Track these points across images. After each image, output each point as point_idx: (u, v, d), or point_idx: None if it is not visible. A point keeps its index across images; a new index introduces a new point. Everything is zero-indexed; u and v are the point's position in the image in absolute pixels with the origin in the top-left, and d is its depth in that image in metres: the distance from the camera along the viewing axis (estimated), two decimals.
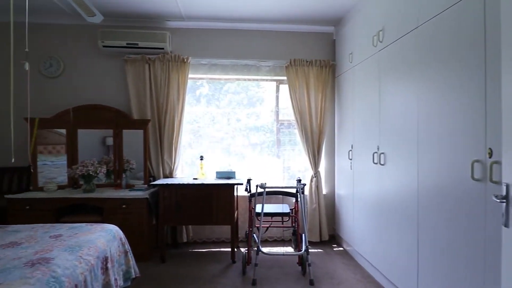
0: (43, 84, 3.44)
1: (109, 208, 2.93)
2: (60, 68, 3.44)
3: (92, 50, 3.44)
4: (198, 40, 3.52)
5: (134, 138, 3.33)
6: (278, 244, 3.46)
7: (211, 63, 3.52)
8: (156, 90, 3.37)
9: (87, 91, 3.46)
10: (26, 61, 1.63)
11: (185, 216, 2.95)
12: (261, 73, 3.59)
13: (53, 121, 3.24)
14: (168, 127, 3.35)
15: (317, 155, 3.49)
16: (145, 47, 3.29)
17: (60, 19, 3.38)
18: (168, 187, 2.96)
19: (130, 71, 3.35)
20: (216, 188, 2.95)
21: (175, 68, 3.35)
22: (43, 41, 3.42)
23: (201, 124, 3.69)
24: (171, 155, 3.38)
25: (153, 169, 3.40)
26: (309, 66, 3.46)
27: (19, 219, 2.84)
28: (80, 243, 1.81)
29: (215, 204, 2.95)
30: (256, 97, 3.76)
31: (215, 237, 3.53)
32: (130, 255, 2.24)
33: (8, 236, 1.91)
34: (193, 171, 3.60)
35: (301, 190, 2.69)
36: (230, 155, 3.71)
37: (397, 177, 2.18)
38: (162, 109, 3.36)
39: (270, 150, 3.75)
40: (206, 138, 3.70)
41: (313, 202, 3.47)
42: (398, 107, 2.16)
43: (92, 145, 3.38)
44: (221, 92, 3.71)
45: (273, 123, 3.75)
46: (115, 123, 3.33)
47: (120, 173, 3.31)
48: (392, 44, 2.24)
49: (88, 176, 3.01)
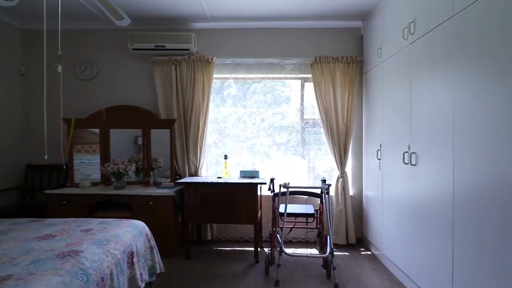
0: (78, 86, 3.65)
1: (137, 205, 3.04)
2: (94, 71, 3.64)
3: (122, 53, 3.60)
4: (222, 40, 3.55)
5: (162, 137, 3.44)
6: (302, 246, 3.39)
7: (235, 62, 3.54)
8: (182, 90, 3.45)
9: (118, 92, 3.63)
10: (59, 64, 1.71)
11: (209, 214, 2.99)
12: (286, 71, 3.54)
13: (87, 121, 3.43)
14: (193, 126, 3.41)
15: (343, 155, 3.37)
16: (172, 49, 3.37)
17: (94, 25, 3.57)
18: (192, 186, 3.01)
19: (158, 72, 3.46)
20: (239, 187, 2.95)
21: (200, 69, 3.40)
22: (79, 46, 3.64)
23: (227, 124, 3.72)
24: (196, 154, 3.43)
25: (179, 167, 3.48)
26: (335, 63, 3.35)
27: (57, 213, 3.04)
28: (108, 238, 1.89)
29: (238, 203, 2.95)
30: (282, 97, 3.72)
31: (239, 236, 3.53)
32: (155, 251, 2.30)
33: (44, 229, 2.04)
34: (218, 170, 3.64)
35: (325, 191, 2.61)
36: (254, 154, 3.70)
37: (429, 178, 2.03)
38: (188, 109, 3.43)
39: (295, 150, 3.69)
40: (231, 137, 3.72)
41: (339, 203, 3.36)
42: (431, 103, 2.01)
43: (125, 144, 3.53)
44: (248, 93, 3.70)
45: (298, 122, 3.68)
46: (143, 122, 3.45)
47: (148, 171, 3.42)
48: (424, 36, 2.09)
49: (119, 173, 3.15)
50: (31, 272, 1.38)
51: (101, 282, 1.55)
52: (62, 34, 3.60)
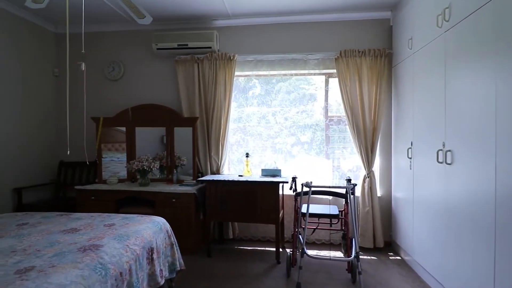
0: (107, 86, 3.79)
1: (160, 202, 3.08)
2: (121, 71, 3.76)
3: (147, 53, 3.68)
4: (244, 37, 3.51)
5: (186, 135, 3.46)
6: (326, 248, 3.26)
7: (257, 59, 3.48)
8: (204, 89, 3.45)
9: (144, 91, 3.72)
10: (82, 62, 1.76)
11: (230, 212, 2.96)
12: (309, 67, 3.43)
13: (115, 120, 3.54)
14: (215, 124, 3.41)
15: (370, 154, 3.19)
16: (194, 47, 3.38)
17: (121, 27, 3.69)
18: (213, 183, 2.99)
19: (181, 71, 3.49)
20: (260, 185, 2.89)
21: (222, 66, 3.39)
22: (107, 47, 3.78)
23: (251, 123, 3.67)
24: (218, 151, 3.42)
25: (201, 165, 3.49)
26: (361, 57, 3.19)
27: (86, 208, 3.17)
28: (129, 233, 1.91)
29: (259, 202, 2.89)
30: (306, 95, 3.60)
31: (261, 235, 3.48)
32: (175, 248, 2.31)
33: (70, 223, 2.12)
34: (240, 169, 3.61)
35: (351, 191, 2.48)
36: (277, 153, 3.63)
37: (467, 178, 1.84)
38: (210, 107, 3.43)
39: (319, 148, 3.56)
40: (254, 136, 3.67)
41: (366, 204, 3.19)
42: (470, 95, 1.82)
43: (152, 142, 3.60)
44: (272, 92, 3.63)
45: (322, 119, 3.54)
46: (167, 121, 3.50)
47: (172, 169, 3.47)
48: (461, 22, 1.91)
49: (143, 170, 3.21)
50: (53, 265, 1.41)
51: (120, 277, 1.56)
52: (92, 36, 3.78)
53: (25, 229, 1.98)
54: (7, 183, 3.25)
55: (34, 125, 3.56)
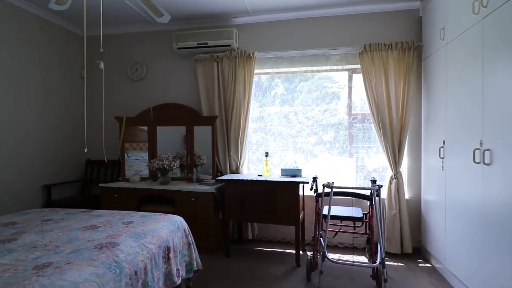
0: (130, 86, 3.88)
1: (179, 200, 3.09)
2: (143, 71, 3.83)
3: (168, 53, 3.72)
4: (264, 34, 3.44)
5: (206, 135, 3.45)
6: (349, 252, 3.11)
7: (277, 56, 3.40)
8: (223, 87, 3.43)
9: (165, 91, 3.76)
10: (101, 61, 1.77)
11: (249, 212, 2.90)
12: (331, 63, 3.29)
13: (137, 119, 3.61)
14: (234, 123, 3.36)
15: (397, 153, 3.00)
16: (214, 46, 3.37)
17: (143, 28, 3.76)
18: (232, 183, 2.95)
19: (200, 69, 3.49)
20: (280, 185, 2.81)
21: (242, 64, 3.34)
22: (131, 48, 3.86)
23: (271, 122, 3.60)
24: (237, 151, 3.38)
25: (220, 164, 3.46)
26: (387, 50, 3.01)
27: (109, 205, 3.25)
28: (145, 231, 1.91)
29: (279, 202, 2.81)
30: (328, 93, 3.47)
31: (281, 237, 3.39)
32: (193, 247, 2.28)
33: (91, 220, 2.15)
34: (260, 168, 3.54)
35: (376, 192, 2.33)
36: (298, 153, 3.52)
37: (508, 180, 1.65)
38: (229, 106, 3.40)
39: (342, 147, 3.41)
40: (275, 135, 3.59)
41: (393, 207, 3.00)
42: (511, 89, 1.63)
43: (175, 141, 3.61)
44: (294, 91, 3.54)
45: (345, 117, 3.39)
46: (187, 120, 3.52)
47: (192, 168, 3.47)
48: (501, 8, 1.71)
49: (163, 169, 3.24)
50: (69, 261, 1.42)
51: (134, 276, 1.55)
52: (116, 38, 3.88)
53: (48, 225, 2.04)
54: (37, 180, 3.41)
55: (63, 124, 3.71)
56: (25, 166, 3.25)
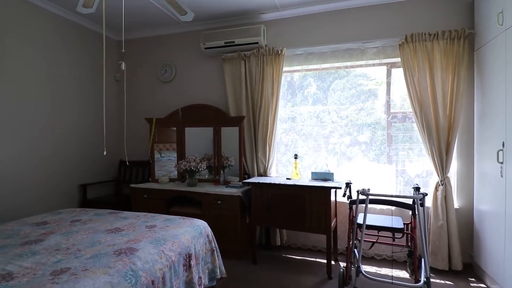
0: (160, 88, 3.92)
1: (206, 203, 3.02)
2: (172, 73, 3.84)
3: (197, 54, 3.69)
4: (293, 29, 3.26)
5: (233, 135, 3.36)
6: (387, 265, 2.82)
7: (307, 52, 3.20)
8: (251, 86, 3.31)
9: (193, 92, 3.74)
10: (123, 61, 1.74)
11: (276, 218, 2.75)
12: (367, 57, 3.02)
13: (166, 121, 3.62)
14: (262, 123, 3.23)
15: (445, 156, 2.66)
16: (241, 44, 3.26)
17: (173, 29, 3.77)
18: (259, 186, 2.82)
19: (228, 69, 3.40)
20: (309, 190, 2.62)
21: (270, 62, 3.20)
22: (161, 50, 3.90)
23: (301, 122, 3.41)
24: (265, 152, 3.24)
25: (248, 166, 3.35)
26: (432, 41, 2.68)
27: (139, 205, 3.29)
28: (166, 237, 1.84)
29: (308, 208, 2.62)
30: (364, 91, 3.20)
31: (311, 244, 3.18)
32: (216, 254, 2.19)
33: (116, 222, 2.15)
34: (289, 171, 3.37)
35: (419, 202, 2.05)
36: (331, 155, 3.29)
37: None
38: (257, 105, 3.27)
39: (379, 149, 3.12)
40: (305, 136, 3.40)
41: (439, 218, 2.66)
42: None
43: (201, 142, 3.57)
44: (328, 90, 3.32)
45: (383, 117, 3.10)
46: (214, 121, 3.45)
47: (219, 170, 3.40)
48: None
49: (190, 171, 3.20)
50: (86, 268, 1.38)
51: (151, 285, 1.48)
52: (148, 41, 3.95)
53: (76, 226, 2.06)
54: (74, 179, 3.55)
55: (98, 126, 3.85)
56: (62, 166, 3.39)
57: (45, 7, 3.14)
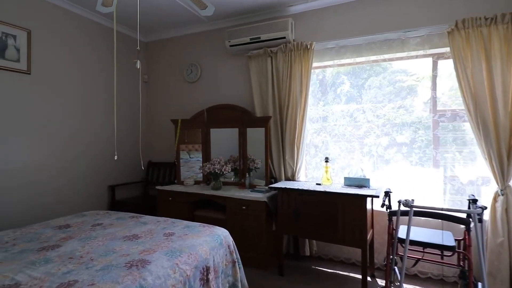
0: (186, 89, 3.86)
1: (230, 207, 2.88)
2: (198, 73, 3.76)
3: (222, 53, 3.57)
4: (323, 21, 3.00)
5: (259, 137, 3.18)
6: (434, 285, 2.46)
7: (339, 45, 2.93)
8: (278, 85, 3.11)
9: (218, 92, 3.63)
10: (138, 60, 1.64)
11: (304, 227, 2.52)
12: (408, 48, 2.67)
13: (191, 122, 3.54)
14: (289, 124, 3.01)
15: (506, 161, 2.25)
16: (267, 40, 3.07)
17: (198, 28, 3.69)
18: (285, 191, 2.61)
19: (253, 67, 3.23)
20: (342, 198, 2.36)
21: (298, 58, 2.97)
22: (187, 50, 3.84)
23: (334, 122, 3.14)
24: (293, 155, 3.02)
25: (274, 170, 3.15)
26: (489, 26, 2.28)
27: (165, 207, 3.25)
28: (183, 248, 1.71)
29: (341, 218, 2.36)
30: (403, 88, 2.86)
31: (344, 256, 2.90)
32: (238, 266, 2.02)
33: (135, 228, 2.06)
34: (319, 175, 3.11)
35: (477, 217, 1.72)
36: (366, 158, 2.99)
37: None
38: (284, 105, 3.06)
39: (423, 152, 2.76)
40: (337, 137, 3.12)
41: (499, 234, 2.25)
42: None
43: (227, 143, 3.43)
44: (363, 88, 3.02)
45: (428, 115, 2.73)
46: (239, 121, 3.30)
47: (244, 172, 3.24)
48: None
49: (215, 174, 3.08)
50: (93, 282, 1.28)
51: None
52: (174, 41, 3.91)
53: (96, 230, 2.01)
54: (103, 181, 3.60)
55: (127, 128, 3.88)
56: (91, 167, 3.44)
57: (74, 10, 3.20)
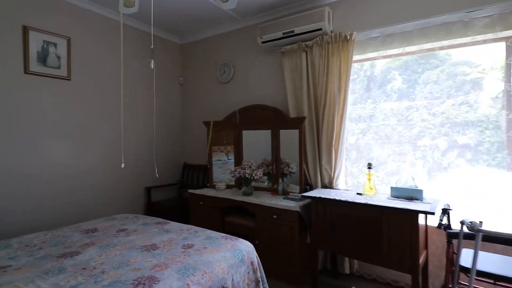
0: (219, 89, 3.76)
1: (261, 216, 2.68)
2: (231, 73, 3.63)
3: (254, 51, 3.39)
4: (366, 7, 2.63)
5: (293, 139, 2.92)
6: None
7: (384, 33, 2.54)
8: (313, 82, 2.82)
9: (250, 92, 3.46)
10: (152, 60, 1.52)
11: (342, 243, 2.20)
12: (474, 31, 2.19)
13: (223, 123, 3.42)
14: (326, 124, 2.71)
15: None
16: (302, 33, 2.80)
17: (229, 27, 3.56)
18: (320, 201, 2.32)
19: (287, 63, 2.99)
20: (388, 212, 2.00)
21: (336, 51, 2.65)
22: (219, 50, 3.73)
23: (379, 122, 2.76)
24: (331, 159, 2.70)
25: (310, 176, 2.87)
26: None
27: (196, 211, 3.19)
28: (198, 264, 1.54)
29: (386, 236, 2.00)
30: (466, 81, 2.37)
31: (391, 278, 2.51)
32: (263, 285, 1.81)
33: (156, 236, 1.97)
34: (361, 183, 2.75)
35: None
36: (417, 162, 2.55)
37: None
38: (320, 103, 2.76)
39: (492, 157, 2.25)
40: (383, 139, 2.73)
41: None
42: None
43: (263, 146, 3.22)
44: (416, 83, 2.59)
45: (498, 112, 2.22)
46: (272, 122, 3.08)
47: (277, 177, 3.01)
48: None
49: (245, 178, 2.91)
50: None
51: None
52: (207, 42, 3.84)
53: (118, 237, 1.96)
54: (140, 182, 3.65)
55: (164, 130, 3.92)
56: (129, 169, 3.49)
57: (112, 16, 3.27)
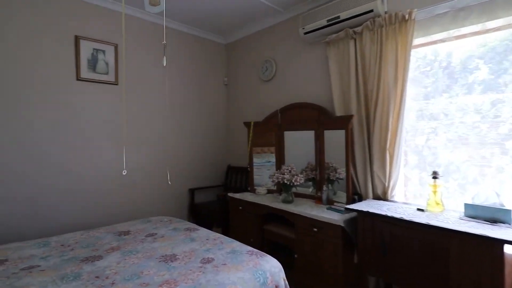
0: (261, 88, 3.56)
1: (300, 227, 2.39)
2: (273, 70, 3.40)
3: (296, 44, 3.10)
4: None
5: (339, 141, 2.55)
6: None
7: (456, 7, 2.00)
8: (363, 73, 2.41)
9: (293, 89, 3.18)
10: (164, 56, 1.39)
11: (396, 270, 1.79)
12: None
13: (264, 124, 3.22)
14: (379, 123, 2.28)
15: None
16: (349, 17, 2.42)
17: (271, 21, 3.34)
18: (369, 216, 1.93)
19: (332, 54, 2.63)
20: (460, 238, 1.53)
21: (391, 34, 2.21)
22: (262, 47, 3.54)
23: (452, 119, 2.23)
24: (384, 165, 2.26)
25: (359, 183, 2.47)
26: None
27: (236, 215, 3.08)
28: (209, 285, 1.36)
29: (455, 270, 1.54)
30: None
31: None
32: None
33: (179, 245, 1.85)
34: (424, 196, 2.24)
35: None
36: (506, 173, 1.96)
37: None
38: (371, 99, 2.34)
39: None
40: (455, 141, 2.18)
41: None
42: None
43: (307, 148, 2.92)
44: (507, 72, 2.00)
45: None
46: (315, 122, 2.76)
47: (321, 184, 2.68)
48: None
49: (284, 184, 2.65)
50: None
51: None
52: (249, 39, 3.69)
53: (144, 242, 1.91)
54: (185, 184, 3.68)
55: (208, 131, 3.89)
56: (175, 170, 3.53)
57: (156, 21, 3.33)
